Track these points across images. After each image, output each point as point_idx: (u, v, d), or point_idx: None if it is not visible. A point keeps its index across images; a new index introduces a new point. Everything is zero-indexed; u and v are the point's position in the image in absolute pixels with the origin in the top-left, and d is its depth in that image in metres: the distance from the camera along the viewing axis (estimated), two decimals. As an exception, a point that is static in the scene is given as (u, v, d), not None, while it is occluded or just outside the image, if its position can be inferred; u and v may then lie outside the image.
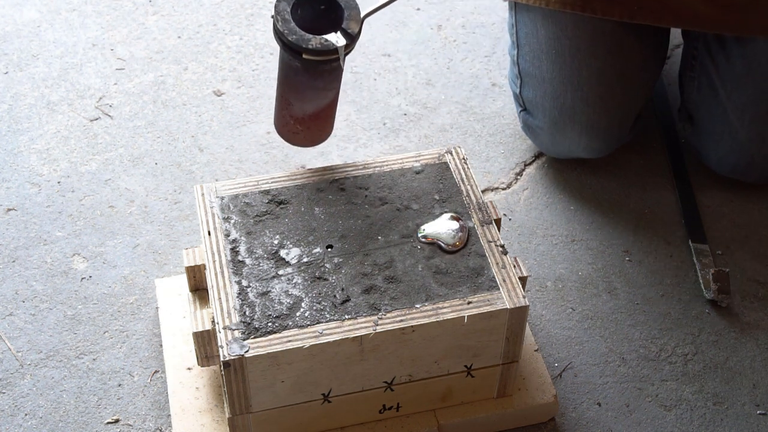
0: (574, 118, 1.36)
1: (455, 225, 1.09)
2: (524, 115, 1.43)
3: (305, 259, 1.07)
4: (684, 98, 1.45)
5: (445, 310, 1.02)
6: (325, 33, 1.07)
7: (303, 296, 1.03)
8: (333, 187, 1.14)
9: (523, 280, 1.10)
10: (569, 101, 1.36)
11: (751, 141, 1.35)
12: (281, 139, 1.21)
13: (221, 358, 0.98)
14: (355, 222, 1.11)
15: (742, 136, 1.35)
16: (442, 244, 1.08)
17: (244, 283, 1.04)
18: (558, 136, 1.39)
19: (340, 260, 1.07)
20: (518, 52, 1.40)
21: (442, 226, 1.09)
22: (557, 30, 1.35)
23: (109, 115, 1.53)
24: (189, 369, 1.16)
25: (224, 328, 1.00)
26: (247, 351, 0.98)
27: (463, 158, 1.18)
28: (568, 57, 1.35)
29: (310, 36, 1.06)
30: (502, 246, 1.08)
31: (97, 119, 1.53)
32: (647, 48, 1.38)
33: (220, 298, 1.03)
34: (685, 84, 1.44)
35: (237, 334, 1.00)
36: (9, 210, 1.38)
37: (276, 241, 1.08)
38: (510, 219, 1.40)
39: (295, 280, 1.05)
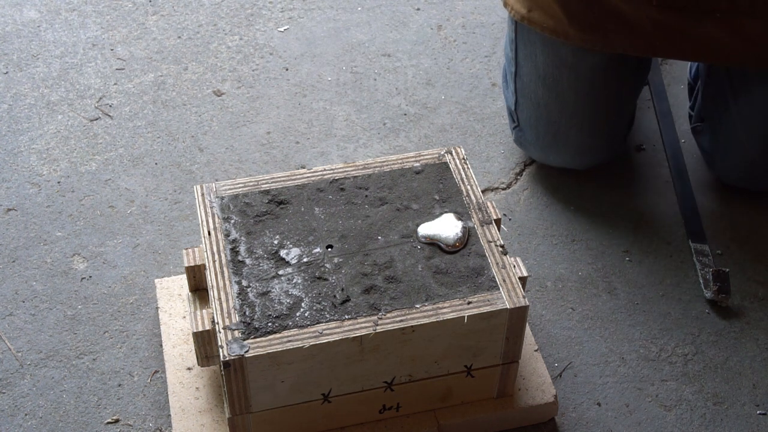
0: (567, 142, 1.38)
1: (455, 225, 1.09)
2: (517, 131, 1.44)
3: (305, 259, 1.07)
4: (697, 103, 1.45)
5: (445, 310, 1.02)
6: None
7: (303, 296, 1.03)
8: (333, 187, 1.14)
9: (523, 280, 1.10)
10: (563, 128, 1.37)
11: (759, 157, 1.35)
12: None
13: (221, 358, 0.98)
14: (355, 222, 1.11)
15: (749, 149, 1.35)
16: (442, 245, 1.08)
17: (244, 283, 1.04)
18: (551, 155, 1.41)
19: (340, 260, 1.07)
20: (516, 71, 1.40)
21: (442, 226, 1.09)
22: (556, 59, 1.33)
23: (109, 115, 1.53)
24: (189, 369, 1.16)
25: (224, 328, 1.00)
26: (247, 351, 0.98)
27: (463, 158, 1.18)
28: (565, 86, 1.34)
29: None
30: (502, 246, 1.08)
31: (97, 119, 1.53)
32: (636, 73, 1.39)
33: (220, 298, 1.03)
34: (698, 91, 1.45)
35: (237, 334, 1.00)
36: (9, 210, 1.38)
37: (276, 241, 1.08)
38: (510, 219, 1.40)
39: (295, 280, 1.05)
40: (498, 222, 1.13)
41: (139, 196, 1.41)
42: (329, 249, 1.08)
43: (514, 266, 1.09)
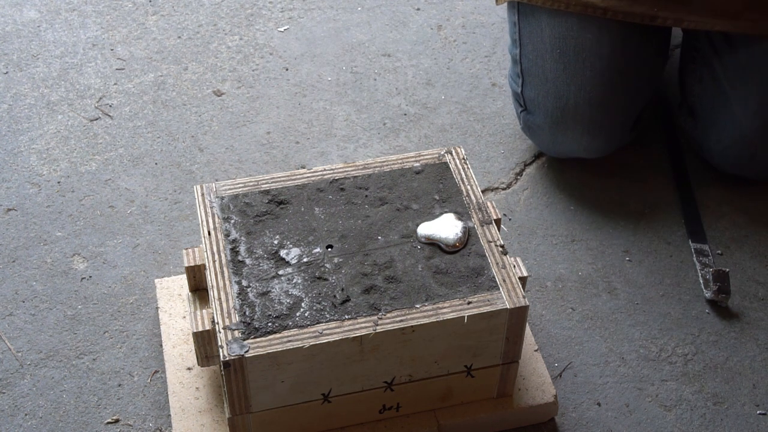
0: (576, 118, 1.36)
1: (455, 225, 1.09)
2: (525, 114, 1.42)
3: (305, 259, 1.07)
4: (685, 92, 1.44)
5: (445, 310, 1.02)
6: None
7: (303, 296, 1.03)
8: (333, 187, 1.14)
9: (523, 280, 1.10)
10: (572, 101, 1.35)
11: (755, 131, 1.34)
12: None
13: (221, 358, 0.98)
14: (355, 222, 1.11)
15: (745, 127, 1.34)
16: (442, 245, 1.08)
17: (244, 283, 1.04)
18: (559, 135, 1.39)
19: (340, 260, 1.07)
20: (521, 51, 1.39)
21: (442, 226, 1.09)
22: (562, 29, 1.34)
23: (109, 115, 1.53)
24: (189, 369, 1.16)
25: (224, 328, 1.00)
26: (247, 351, 0.98)
27: (463, 158, 1.18)
28: (572, 56, 1.34)
29: None
30: (502, 246, 1.08)
31: (97, 119, 1.53)
32: (649, 48, 1.38)
33: (220, 298, 1.03)
34: (686, 77, 1.43)
35: (237, 334, 1.00)
36: (9, 210, 1.38)
37: (276, 241, 1.08)
38: (510, 219, 1.40)
39: (295, 280, 1.05)
40: (498, 222, 1.13)
41: (139, 196, 1.41)
42: (329, 249, 1.08)
43: (514, 266, 1.08)
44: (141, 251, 1.34)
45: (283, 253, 1.07)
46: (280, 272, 1.05)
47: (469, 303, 1.03)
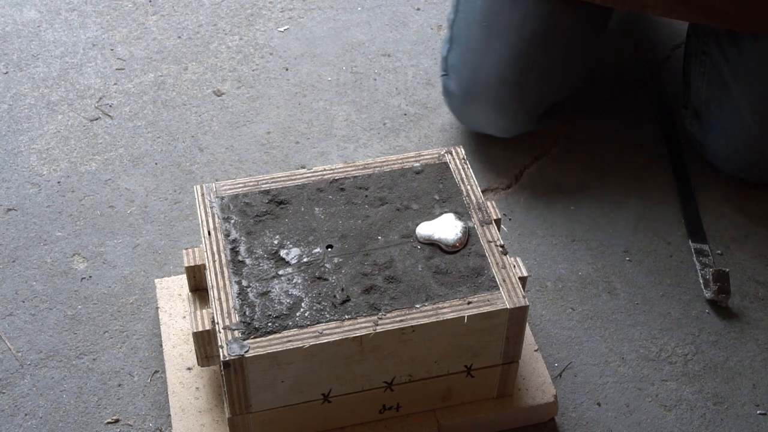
0: (486, 92, 1.37)
1: (455, 225, 1.09)
2: (444, 79, 1.44)
3: (305, 259, 1.07)
4: (691, 94, 1.44)
5: (445, 310, 1.02)
6: None
7: (303, 296, 1.03)
8: (333, 187, 1.14)
9: (523, 280, 1.10)
10: (484, 75, 1.36)
11: (761, 136, 1.34)
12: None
13: (221, 358, 0.98)
14: (355, 222, 1.11)
15: (755, 131, 1.34)
16: (442, 245, 1.08)
17: (244, 283, 1.04)
18: (468, 106, 1.40)
19: (340, 260, 1.07)
20: (455, 18, 1.41)
21: (442, 226, 1.09)
22: (493, 4, 1.33)
23: (109, 115, 1.53)
24: (189, 369, 1.16)
25: (224, 328, 1.00)
26: (247, 351, 0.98)
27: (463, 158, 1.18)
28: (495, 32, 1.34)
29: None
30: (502, 246, 1.08)
31: (97, 119, 1.53)
32: (580, 38, 1.37)
33: (220, 298, 1.03)
34: (692, 80, 1.43)
35: (237, 334, 1.00)
36: (9, 210, 1.38)
37: (276, 241, 1.08)
38: (510, 219, 1.40)
39: (295, 280, 1.05)
40: (498, 222, 1.13)
41: (139, 196, 1.41)
42: (329, 249, 1.08)
43: (514, 266, 1.08)
44: (141, 251, 1.34)
45: (283, 253, 1.07)
46: (280, 272, 1.05)
47: (469, 303, 1.03)
